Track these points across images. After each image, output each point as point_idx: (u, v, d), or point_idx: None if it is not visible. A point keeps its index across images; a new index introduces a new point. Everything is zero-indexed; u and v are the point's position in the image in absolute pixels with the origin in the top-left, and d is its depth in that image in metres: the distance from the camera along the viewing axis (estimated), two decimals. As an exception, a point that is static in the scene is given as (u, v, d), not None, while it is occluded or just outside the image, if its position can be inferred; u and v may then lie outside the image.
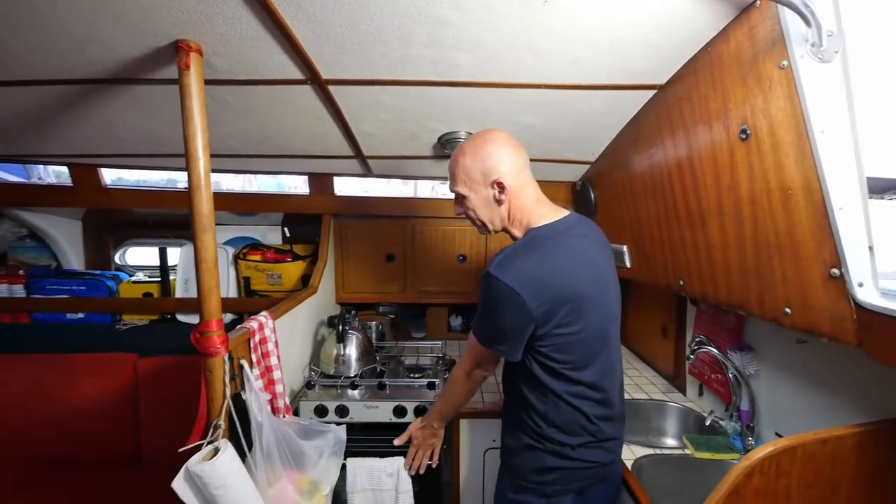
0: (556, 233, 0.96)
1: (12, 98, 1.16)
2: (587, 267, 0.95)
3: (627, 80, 1.08)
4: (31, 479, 1.62)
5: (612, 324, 1.01)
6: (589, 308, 0.93)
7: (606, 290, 1.00)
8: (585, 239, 1.00)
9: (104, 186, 1.87)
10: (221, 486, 0.96)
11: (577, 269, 0.93)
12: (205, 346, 0.98)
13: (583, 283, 0.93)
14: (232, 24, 0.85)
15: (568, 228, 0.98)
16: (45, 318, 2.03)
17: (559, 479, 0.97)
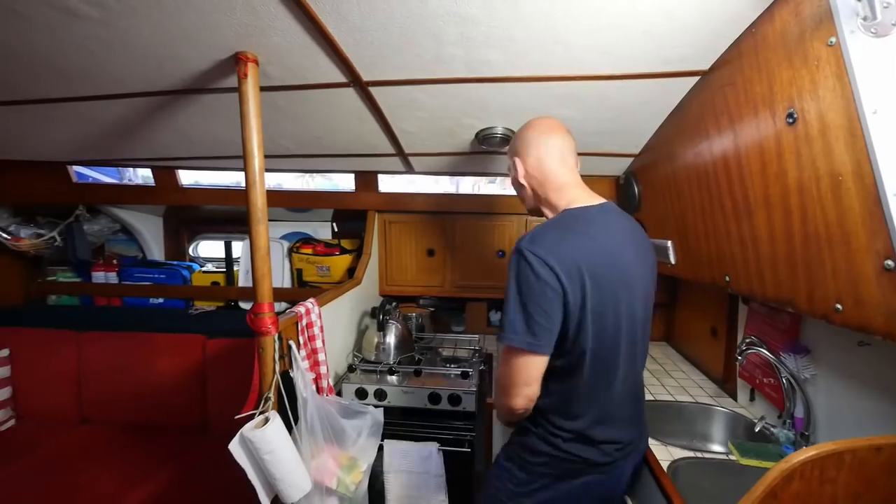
0: (591, 214, 0.94)
1: (109, 110, 1.35)
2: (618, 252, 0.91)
3: (666, 68, 1.05)
4: (119, 440, 1.87)
5: (631, 321, 0.93)
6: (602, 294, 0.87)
7: (630, 283, 0.92)
8: (621, 223, 0.97)
9: (180, 186, 2.11)
10: (270, 452, 1.06)
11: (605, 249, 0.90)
12: (258, 326, 1.10)
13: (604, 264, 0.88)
14: (283, 35, 0.95)
15: (604, 213, 0.96)
16: (133, 302, 2.32)
17: (545, 463, 0.97)
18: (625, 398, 0.98)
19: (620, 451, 0.98)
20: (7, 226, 2.14)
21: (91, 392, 2.01)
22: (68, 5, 0.83)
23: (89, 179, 2.16)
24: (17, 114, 1.39)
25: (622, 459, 0.99)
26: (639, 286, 0.95)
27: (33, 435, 1.91)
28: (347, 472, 1.28)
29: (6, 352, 2.02)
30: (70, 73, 1.11)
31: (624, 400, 0.97)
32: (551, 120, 1.03)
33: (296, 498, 1.12)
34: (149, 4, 0.83)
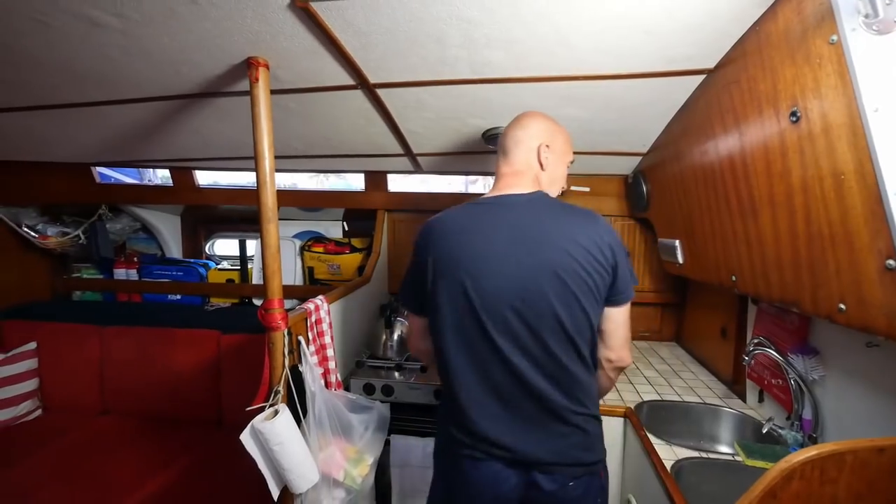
0: (481, 202, 0.98)
1: (129, 113, 1.41)
2: (489, 239, 0.90)
3: (670, 67, 1.05)
4: (138, 430, 1.95)
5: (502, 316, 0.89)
6: (462, 283, 0.89)
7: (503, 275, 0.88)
8: (513, 213, 0.91)
9: (197, 186, 2.18)
10: (279, 443, 1.10)
11: (470, 237, 0.91)
12: (268, 321, 1.14)
13: (465, 252, 0.90)
14: (292, 40, 0.98)
15: (498, 203, 0.94)
16: (152, 298, 2.41)
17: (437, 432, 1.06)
18: (510, 395, 0.91)
19: (497, 452, 0.91)
20: (35, 224, 2.24)
21: (112, 384, 2.09)
22: (91, 15, 0.88)
23: (111, 180, 2.25)
24: (44, 118, 1.46)
25: (497, 462, 0.91)
26: (524, 275, 0.87)
27: (58, 424, 1.99)
28: (354, 465, 1.31)
29: (33, 344, 2.12)
30: (92, 79, 1.16)
31: (509, 397, 0.91)
32: (520, 115, 1.06)
33: (304, 488, 1.15)
34: (166, 14, 0.87)
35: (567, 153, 1.06)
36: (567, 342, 0.89)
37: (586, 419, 0.92)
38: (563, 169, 1.06)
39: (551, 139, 1.02)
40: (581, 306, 0.88)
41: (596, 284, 0.88)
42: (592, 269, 0.87)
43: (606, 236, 0.90)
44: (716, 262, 1.25)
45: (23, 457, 1.73)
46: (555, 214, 0.91)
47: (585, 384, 0.92)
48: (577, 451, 0.92)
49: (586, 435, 0.93)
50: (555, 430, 0.91)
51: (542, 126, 1.02)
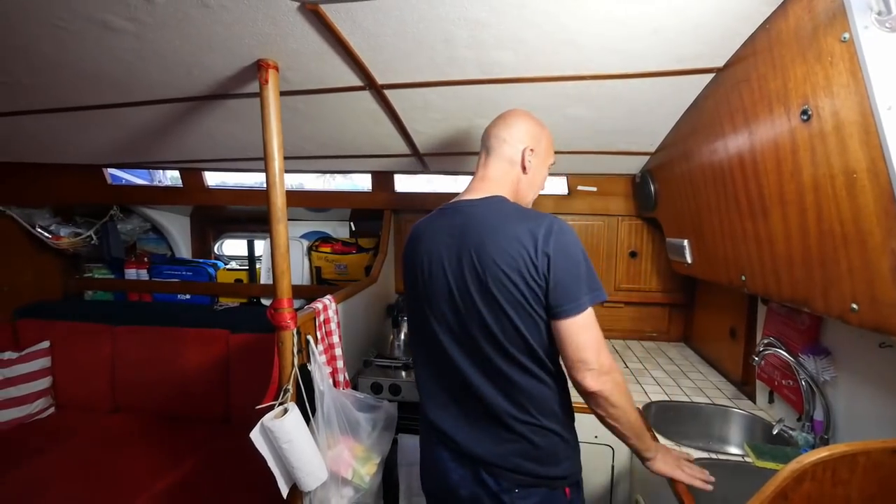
0: (443, 207, 1.00)
1: (141, 115, 1.43)
2: (434, 243, 0.94)
3: (679, 66, 1.05)
4: (149, 428, 1.97)
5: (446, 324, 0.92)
6: (418, 283, 0.97)
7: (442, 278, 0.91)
8: (461, 218, 0.92)
9: (206, 187, 2.20)
10: (288, 441, 1.11)
11: (425, 251, 0.96)
12: (277, 321, 1.15)
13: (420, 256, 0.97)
14: (301, 42, 0.99)
15: (454, 209, 0.97)
16: (162, 298, 2.44)
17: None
18: (458, 393, 0.95)
19: (446, 441, 0.96)
20: (48, 225, 2.28)
21: (123, 382, 2.12)
22: (105, 19, 0.89)
23: (122, 181, 2.28)
24: (59, 121, 1.49)
25: (445, 451, 0.97)
26: (457, 281, 0.90)
27: (71, 422, 2.03)
28: (362, 464, 1.32)
29: (47, 343, 2.16)
30: (106, 82, 1.18)
31: (457, 394, 0.95)
32: (505, 112, 1.05)
33: (313, 486, 1.16)
34: (178, 17, 0.89)
35: (550, 156, 1.06)
36: (501, 350, 0.87)
37: (535, 430, 0.88)
38: (544, 172, 1.05)
39: (536, 142, 1.01)
40: (508, 317, 0.84)
41: (524, 295, 0.83)
42: (519, 279, 0.83)
43: (543, 243, 0.82)
44: (725, 261, 1.24)
45: (36, 454, 1.76)
46: (499, 220, 0.88)
47: (533, 393, 0.88)
48: (521, 460, 0.89)
49: (534, 447, 0.88)
50: (497, 433, 0.91)
51: (528, 128, 1.00)
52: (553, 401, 0.91)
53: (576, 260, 0.83)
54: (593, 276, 0.85)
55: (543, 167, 1.05)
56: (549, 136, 1.05)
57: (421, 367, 1.03)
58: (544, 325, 0.86)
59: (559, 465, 0.92)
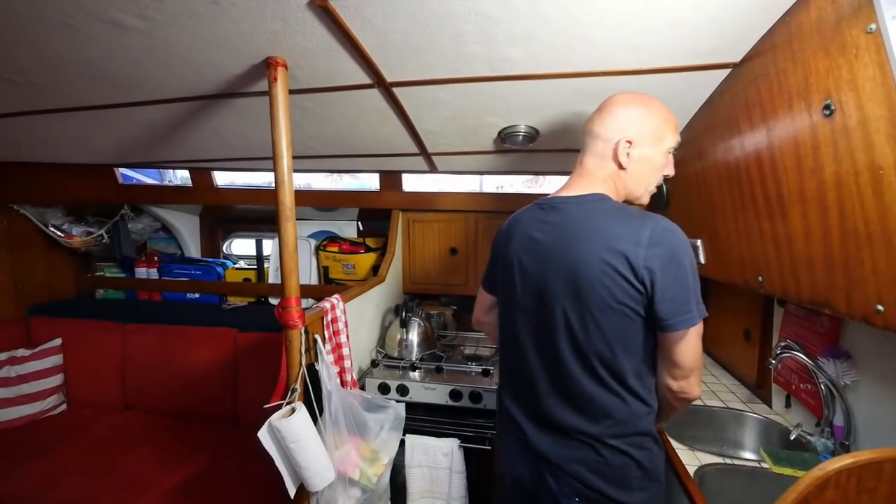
0: (538, 203, 0.98)
1: (151, 115, 1.44)
2: (526, 244, 0.94)
3: (694, 61, 1.02)
4: (158, 426, 1.99)
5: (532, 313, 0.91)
6: (507, 273, 0.98)
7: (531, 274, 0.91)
8: (556, 216, 0.90)
9: (216, 187, 2.21)
10: (296, 441, 1.11)
11: (518, 241, 0.96)
12: (285, 319, 1.14)
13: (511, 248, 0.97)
14: (310, 39, 0.98)
15: (549, 205, 0.93)
16: (171, 297, 2.46)
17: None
18: (535, 384, 0.92)
19: (516, 430, 0.97)
20: (61, 224, 2.30)
21: (133, 380, 2.14)
22: (115, 17, 0.89)
23: (133, 181, 2.30)
24: (70, 120, 1.50)
25: (515, 441, 0.97)
26: (545, 279, 0.88)
27: (82, 419, 2.05)
28: (370, 465, 1.31)
29: (59, 341, 2.18)
30: (117, 81, 1.19)
31: (533, 385, 0.93)
32: (606, 100, 0.96)
33: (320, 487, 1.15)
34: (188, 15, 0.89)
35: (664, 139, 0.90)
36: (580, 356, 0.85)
37: (604, 445, 0.84)
38: (657, 160, 0.90)
39: (638, 130, 0.88)
40: (596, 321, 0.82)
41: (619, 301, 0.79)
42: (615, 286, 0.79)
43: (644, 256, 0.77)
44: (741, 261, 1.21)
45: (48, 450, 1.77)
46: (595, 221, 0.84)
47: (607, 408, 0.84)
48: (584, 469, 0.85)
49: (603, 460, 0.84)
50: (563, 437, 0.89)
51: (626, 115, 0.89)
52: (632, 421, 0.85)
53: (684, 270, 0.79)
54: (698, 289, 0.81)
55: (652, 159, 0.90)
56: (661, 115, 0.90)
57: (502, 351, 1.06)
58: (643, 336, 0.83)
59: (630, 491, 0.85)
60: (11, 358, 2.05)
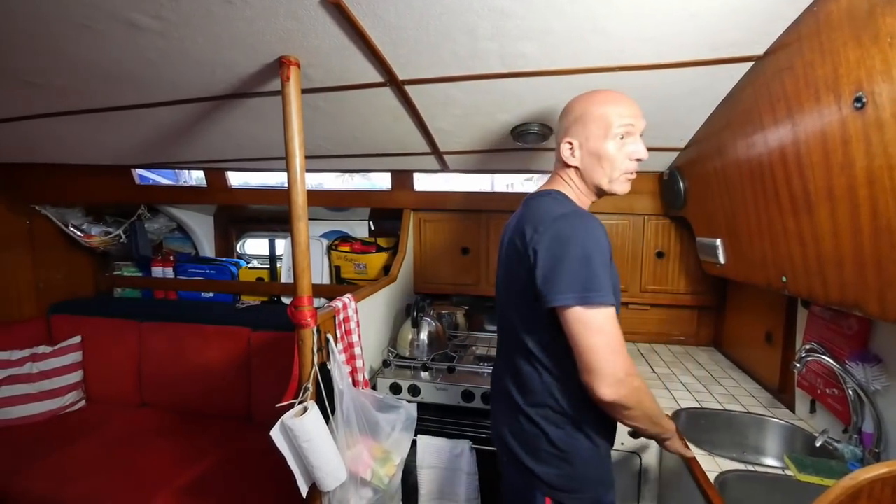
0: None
1: (167, 116, 1.46)
2: (504, 234, 1.04)
3: (715, 55, 0.99)
4: (173, 423, 2.01)
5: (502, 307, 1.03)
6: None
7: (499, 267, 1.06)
8: (520, 209, 0.99)
9: (229, 187, 2.23)
10: (308, 440, 1.10)
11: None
12: (298, 319, 1.14)
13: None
14: (323, 37, 0.98)
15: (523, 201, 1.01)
16: (186, 296, 2.49)
17: None
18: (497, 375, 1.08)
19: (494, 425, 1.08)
20: (80, 224, 2.35)
21: (149, 378, 2.17)
22: (131, 18, 0.90)
23: (150, 181, 2.34)
24: (88, 121, 1.52)
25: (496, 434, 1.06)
26: (499, 265, 1.05)
27: (100, 415, 2.09)
28: (381, 465, 1.31)
29: (78, 338, 2.23)
30: (133, 82, 1.20)
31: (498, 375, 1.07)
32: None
33: (332, 486, 1.15)
34: (202, 14, 0.89)
35: (606, 128, 0.89)
36: (511, 330, 0.96)
37: (524, 416, 0.94)
38: (603, 156, 0.89)
39: (578, 128, 0.92)
40: (511, 298, 0.95)
41: (518, 278, 0.90)
42: (516, 264, 0.90)
43: (537, 235, 0.84)
44: (763, 261, 1.17)
45: (68, 445, 1.81)
46: (533, 213, 0.90)
47: (526, 380, 0.93)
48: (507, 433, 0.98)
49: (520, 428, 0.95)
50: (503, 406, 1.02)
51: (568, 117, 0.95)
52: (543, 393, 0.91)
53: (566, 251, 0.80)
54: (584, 276, 0.78)
55: (602, 146, 0.89)
56: (601, 105, 0.90)
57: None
58: (539, 312, 0.85)
59: (539, 462, 0.91)
60: (33, 355, 2.10)
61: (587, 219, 0.83)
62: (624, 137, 0.90)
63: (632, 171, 0.93)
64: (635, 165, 0.92)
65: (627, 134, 0.90)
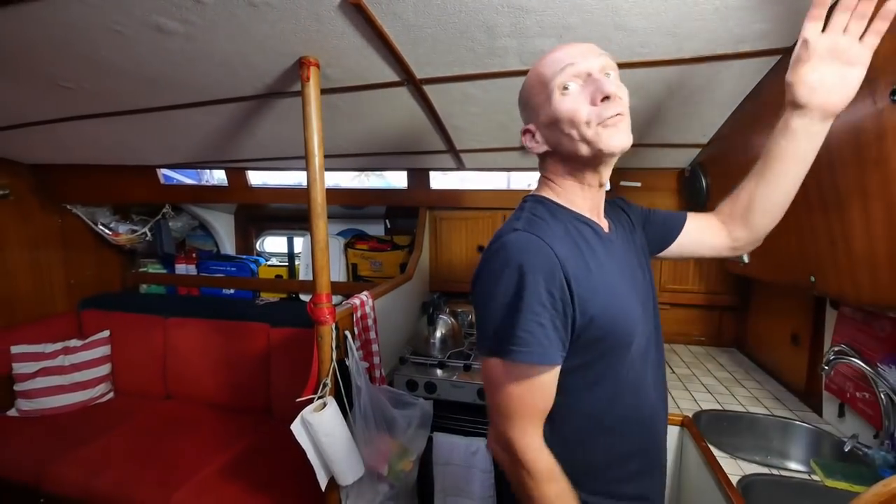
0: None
1: (190, 117, 1.49)
2: None
3: (740, 48, 0.97)
4: (197, 416, 2.07)
5: None
6: None
7: None
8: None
9: (249, 186, 2.28)
10: (327, 435, 1.12)
11: None
12: (317, 316, 1.16)
13: None
14: (342, 37, 0.99)
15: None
16: (208, 292, 2.56)
17: None
18: None
19: None
20: (108, 223, 2.44)
21: (174, 371, 2.24)
22: (159, 23, 0.93)
23: (173, 181, 2.40)
24: (116, 124, 1.58)
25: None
26: None
27: (127, 407, 2.16)
28: (398, 461, 1.32)
29: (107, 333, 2.31)
30: (160, 85, 1.24)
31: None
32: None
33: (350, 481, 1.17)
34: (226, 18, 0.91)
35: (550, 92, 0.69)
36: None
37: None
38: (560, 117, 0.68)
39: (525, 114, 0.77)
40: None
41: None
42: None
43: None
44: (790, 261, 1.14)
45: (97, 436, 1.88)
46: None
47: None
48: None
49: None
50: None
51: (520, 103, 0.79)
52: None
53: (476, 302, 0.71)
54: (507, 323, 0.64)
55: (554, 110, 0.69)
56: (531, 74, 0.74)
57: None
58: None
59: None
60: (65, 348, 2.19)
61: (518, 241, 0.66)
62: (569, 85, 0.68)
63: (610, 116, 0.66)
64: (612, 106, 0.66)
65: (575, 77, 0.68)
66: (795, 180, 0.77)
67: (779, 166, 0.76)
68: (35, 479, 1.68)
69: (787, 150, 0.74)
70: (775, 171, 0.77)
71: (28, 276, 2.23)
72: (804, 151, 0.74)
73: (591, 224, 0.75)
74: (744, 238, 0.87)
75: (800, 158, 0.74)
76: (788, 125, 0.72)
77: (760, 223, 0.85)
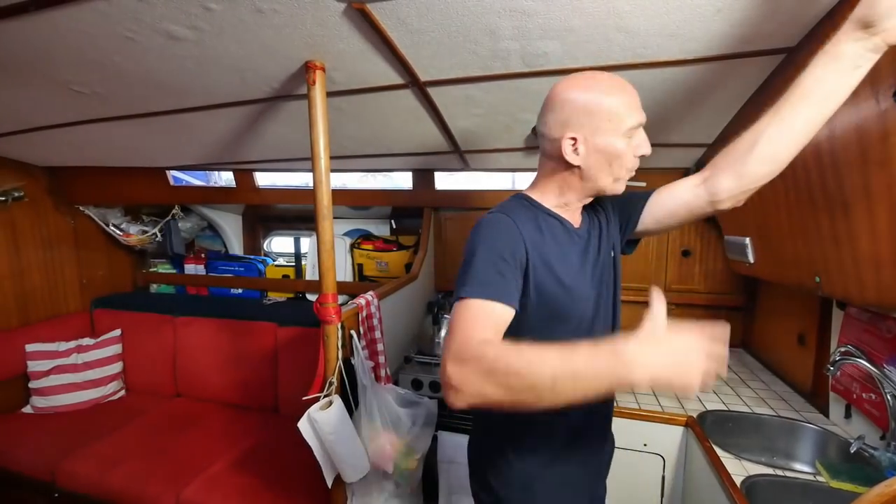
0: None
1: (199, 120, 1.52)
2: None
3: (744, 48, 0.96)
4: (205, 414, 2.10)
5: None
6: None
7: None
8: None
9: (257, 187, 2.31)
10: (333, 433, 1.14)
11: None
12: (323, 315, 1.18)
13: None
14: (347, 41, 1.01)
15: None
16: (217, 292, 2.59)
17: None
18: None
19: None
20: (120, 223, 2.48)
21: (184, 369, 2.28)
22: (169, 29, 0.95)
23: (183, 182, 2.44)
24: (127, 127, 1.61)
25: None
26: None
27: (138, 404, 2.20)
28: (403, 459, 1.34)
29: (119, 331, 2.36)
30: (170, 89, 1.26)
31: None
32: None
33: (356, 478, 1.19)
34: (234, 24, 0.93)
35: (618, 122, 0.75)
36: None
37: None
38: (612, 154, 0.76)
39: (583, 121, 0.77)
40: None
41: None
42: None
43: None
44: (795, 261, 1.13)
45: (110, 432, 1.92)
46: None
47: None
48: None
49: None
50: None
51: (568, 107, 0.78)
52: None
53: (469, 252, 0.78)
54: (466, 272, 0.74)
55: (612, 143, 0.76)
56: (611, 95, 0.75)
57: None
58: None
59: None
60: (78, 346, 2.24)
61: (489, 218, 0.80)
62: (633, 135, 0.77)
63: (634, 170, 0.80)
64: (637, 163, 0.80)
65: (637, 127, 0.77)
66: (812, 126, 0.70)
67: (802, 103, 0.70)
68: (50, 475, 1.73)
69: (823, 80, 0.67)
70: (797, 108, 0.70)
71: (42, 276, 2.28)
72: (839, 87, 0.67)
73: (561, 219, 0.85)
74: (728, 189, 0.80)
75: (830, 95, 0.67)
76: (839, 49, 0.66)
77: (754, 171, 0.77)
